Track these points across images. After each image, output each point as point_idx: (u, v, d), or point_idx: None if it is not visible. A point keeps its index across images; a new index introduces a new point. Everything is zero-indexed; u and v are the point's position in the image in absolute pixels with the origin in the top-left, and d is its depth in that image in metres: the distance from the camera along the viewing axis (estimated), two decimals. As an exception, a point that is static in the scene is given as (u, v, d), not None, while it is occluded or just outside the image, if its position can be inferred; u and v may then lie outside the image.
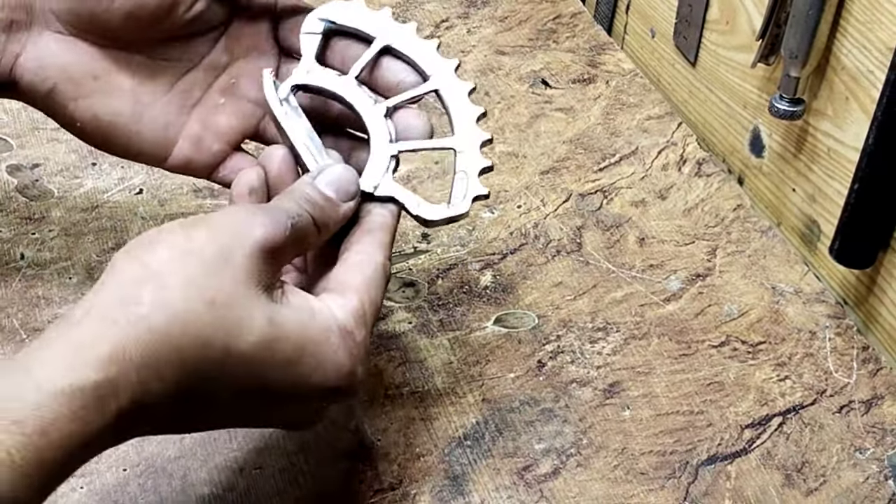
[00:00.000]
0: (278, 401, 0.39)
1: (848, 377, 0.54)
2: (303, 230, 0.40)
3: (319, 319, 0.39)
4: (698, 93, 0.72)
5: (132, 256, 0.36)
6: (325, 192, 0.42)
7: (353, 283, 0.41)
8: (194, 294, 0.35)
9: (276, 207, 0.40)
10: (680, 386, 0.53)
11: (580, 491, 0.48)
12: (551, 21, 0.79)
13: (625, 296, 0.58)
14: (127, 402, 0.34)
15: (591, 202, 0.64)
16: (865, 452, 0.51)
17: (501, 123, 0.69)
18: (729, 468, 0.50)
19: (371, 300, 0.41)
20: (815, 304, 0.58)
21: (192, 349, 0.35)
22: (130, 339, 0.34)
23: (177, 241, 0.37)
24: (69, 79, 0.45)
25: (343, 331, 0.39)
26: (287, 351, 0.37)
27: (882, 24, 0.53)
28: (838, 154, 0.58)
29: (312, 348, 0.38)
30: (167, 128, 0.47)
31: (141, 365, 0.34)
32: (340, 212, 0.43)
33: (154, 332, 0.34)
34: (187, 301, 0.35)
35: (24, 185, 0.61)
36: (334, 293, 0.40)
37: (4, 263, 0.56)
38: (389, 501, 0.47)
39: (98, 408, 0.33)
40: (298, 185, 0.42)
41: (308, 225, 0.41)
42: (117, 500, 0.46)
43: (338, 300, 0.40)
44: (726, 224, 0.63)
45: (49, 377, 0.33)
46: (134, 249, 0.37)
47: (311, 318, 0.39)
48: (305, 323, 0.38)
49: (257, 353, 0.37)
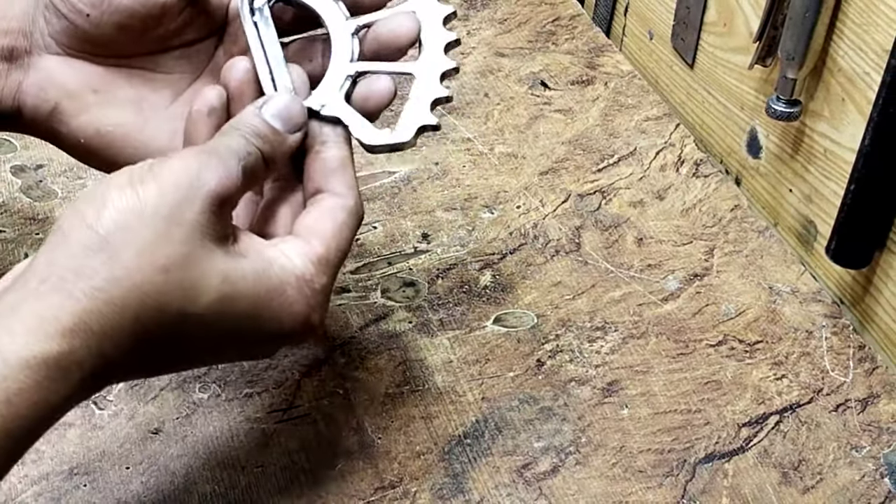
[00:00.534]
0: (234, 346, 0.40)
1: (844, 376, 0.55)
2: (252, 169, 0.40)
3: (275, 270, 0.39)
4: (696, 94, 0.72)
5: (81, 220, 0.36)
6: (272, 123, 0.41)
7: (321, 229, 0.41)
8: (147, 262, 0.36)
9: (227, 150, 0.39)
10: (678, 385, 0.53)
11: (579, 489, 0.48)
12: (550, 23, 0.79)
13: (623, 295, 0.58)
14: (89, 370, 0.35)
15: (590, 202, 0.64)
16: (861, 451, 0.51)
17: (501, 124, 0.69)
18: (726, 466, 0.50)
19: (338, 246, 0.41)
20: (812, 304, 0.58)
21: (150, 316, 0.36)
22: (89, 311, 0.35)
23: (126, 202, 0.36)
24: (70, 96, 0.45)
25: (301, 279, 0.39)
26: (242, 306, 0.38)
27: (878, 26, 0.53)
28: (834, 155, 0.59)
29: (267, 302, 0.38)
30: (173, 136, 0.46)
31: (101, 335, 0.35)
32: (287, 143, 0.42)
33: (111, 303, 0.35)
34: (141, 270, 0.36)
35: (28, 186, 0.61)
36: (299, 240, 0.40)
37: (8, 263, 0.56)
38: (390, 499, 0.47)
39: (62, 377, 0.34)
40: (245, 115, 0.41)
41: (258, 162, 0.40)
42: (120, 498, 0.46)
43: (301, 247, 0.40)
44: (724, 224, 0.63)
45: (14, 349, 0.34)
46: (82, 211, 0.36)
47: (266, 271, 0.39)
48: (260, 276, 0.38)
49: (213, 311, 0.37)
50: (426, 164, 0.65)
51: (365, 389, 0.52)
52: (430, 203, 0.63)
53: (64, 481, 0.46)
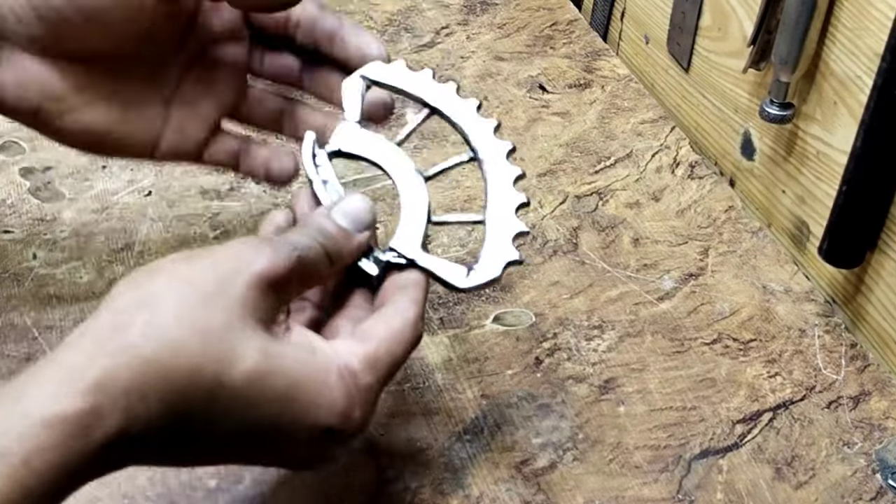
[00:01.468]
0: (271, 437, 0.38)
1: (836, 374, 0.55)
2: (312, 262, 0.39)
3: (319, 358, 0.38)
4: (691, 97, 0.73)
5: (132, 283, 0.36)
6: (339, 222, 0.41)
7: (376, 332, 0.40)
8: (187, 322, 0.35)
9: (282, 239, 0.39)
10: (673, 382, 0.54)
11: (576, 484, 0.48)
12: (548, 28, 0.79)
13: (620, 295, 0.59)
14: (113, 430, 0.33)
15: (587, 204, 0.65)
16: (853, 447, 0.51)
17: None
18: (721, 462, 0.50)
19: (390, 351, 0.39)
20: (805, 303, 0.59)
21: (182, 377, 0.34)
22: (119, 364, 0.34)
23: (178, 270, 0.36)
24: (52, 98, 0.44)
25: (345, 370, 0.38)
26: (279, 386, 0.36)
27: (869, 30, 0.53)
28: (827, 157, 0.59)
29: (306, 386, 0.37)
30: (152, 123, 0.47)
31: (128, 391, 0.33)
32: (354, 242, 0.41)
33: (143, 358, 0.34)
34: (180, 329, 0.35)
35: (37, 188, 0.61)
36: (352, 339, 0.40)
37: (17, 263, 0.56)
38: (391, 494, 0.47)
39: (82, 436, 0.33)
40: (313, 216, 0.42)
41: (318, 256, 0.40)
42: (126, 493, 0.46)
43: (350, 345, 0.39)
44: (718, 225, 0.64)
45: (36, 405, 0.32)
46: (136, 276, 0.36)
47: (310, 356, 0.38)
48: (302, 359, 0.37)
49: (249, 385, 0.36)
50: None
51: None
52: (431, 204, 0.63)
53: (72, 476, 0.47)
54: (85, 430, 0.33)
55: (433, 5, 0.80)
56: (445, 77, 0.47)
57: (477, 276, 0.44)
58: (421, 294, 0.42)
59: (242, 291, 0.36)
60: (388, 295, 0.42)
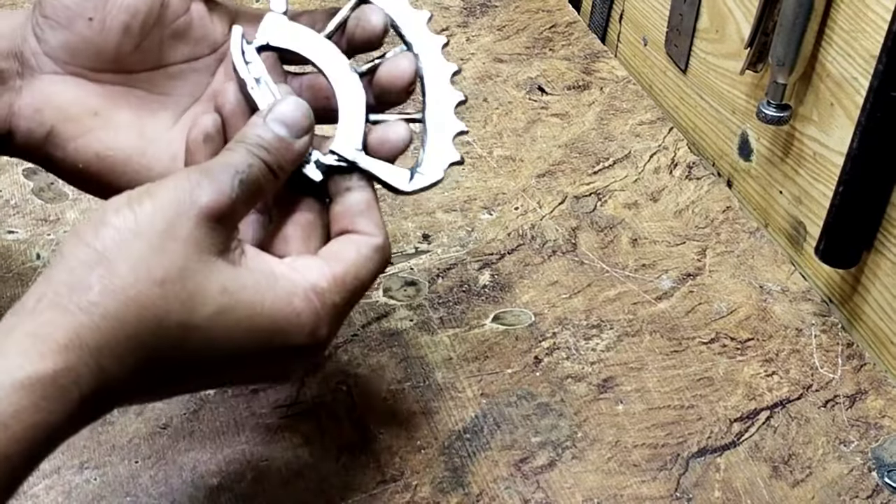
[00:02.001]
0: (242, 363, 0.38)
1: (833, 373, 0.55)
2: (255, 181, 0.38)
3: (281, 283, 0.38)
4: (689, 99, 0.73)
5: (80, 239, 0.35)
6: (277, 131, 0.40)
7: (343, 255, 0.40)
8: (143, 275, 0.35)
9: (222, 166, 0.38)
10: (671, 381, 0.54)
11: (575, 482, 0.49)
12: (547, 30, 0.80)
13: (618, 294, 0.59)
14: (89, 388, 0.34)
15: (586, 204, 0.65)
16: (850, 445, 0.52)
17: (499, 128, 0.70)
18: (718, 460, 0.50)
19: (357, 274, 0.40)
20: (802, 303, 0.59)
21: (148, 330, 0.35)
22: (84, 326, 0.34)
23: (123, 220, 0.36)
24: (68, 118, 0.43)
25: (310, 290, 0.38)
26: (244, 318, 0.37)
27: (866, 32, 0.54)
28: (823, 158, 0.59)
29: (271, 313, 0.37)
30: (175, 160, 0.44)
31: (98, 350, 0.34)
32: (295, 150, 0.40)
33: (108, 317, 0.34)
34: (137, 283, 0.35)
35: (40, 188, 0.61)
36: (318, 259, 0.40)
37: (21, 263, 0.57)
38: (391, 492, 0.47)
39: (60, 396, 0.33)
40: (249, 127, 0.40)
41: (261, 172, 0.39)
42: (129, 492, 0.46)
43: (318, 265, 0.39)
44: (716, 225, 0.64)
45: (7, 371, 0.32)
46: (81, 232, 0.36)
47: (272, 282, 0.38)
48: (263, 288, 0.37)
49: (214, 324, 0.36)
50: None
51: (367, 386, 0.52)
52: (431, 205, 0.64)
53: (74, 475, 0.47)
54: (62, 390, 0.33)
55: (433, 7, 0.81)
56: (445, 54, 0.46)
57: (421, 179, 0.43)
58: (379, 214, 0.42)
59: (191, 231, 0.36)
60: (346, 220, 0.41)
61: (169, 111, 0.45)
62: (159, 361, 0.36)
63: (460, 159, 0.44)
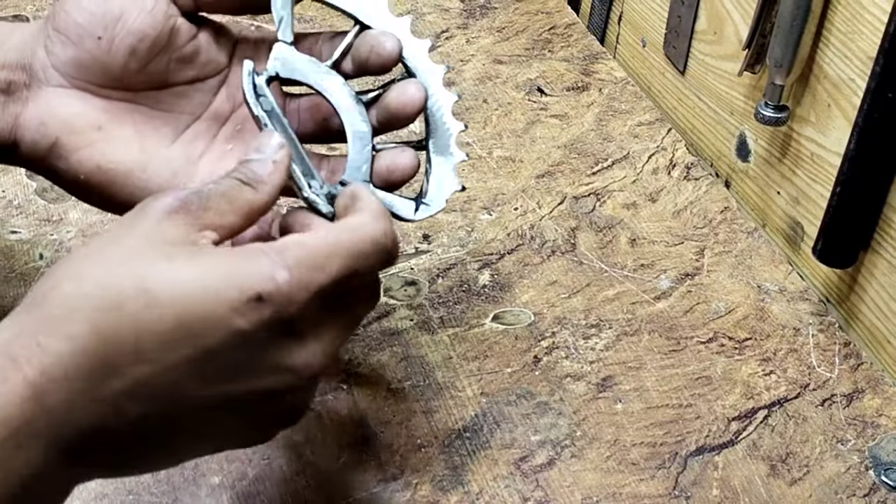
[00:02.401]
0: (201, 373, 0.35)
1: (830, 372, 0.56)
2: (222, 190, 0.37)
3: (236, 249, 0.36)
4: (687, 100, 0.73)
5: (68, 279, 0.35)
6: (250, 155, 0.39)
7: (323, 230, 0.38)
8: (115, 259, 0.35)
9: None
10: (670, 380, 0.54)
11: (574, 481, 0.49)
12: (547, 31, 0.80)
13: (617, 294, 0.59)
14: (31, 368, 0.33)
15: (585, 204, 0.65)
16: (847, 444, 0.52)
17: (499, 129, 0.70)
18: (716, 459, 0.50)
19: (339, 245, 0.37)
20: (799, 302, 0.59)
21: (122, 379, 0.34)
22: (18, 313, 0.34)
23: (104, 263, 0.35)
24: (72, 131, 0.43)
25: (267, 246, 0.36)
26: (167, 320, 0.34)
27: (862, 34, 0.54)
28: (821, 158, 0.59)
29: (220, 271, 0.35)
30: (175, 176, 0.45)
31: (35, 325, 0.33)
32: (270, 162, 0.39)
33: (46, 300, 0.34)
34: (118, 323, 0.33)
35: (43, 189, 0.62)
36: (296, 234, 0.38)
37: (24, 263, 0.57)
38: (392, 491, 0.48)
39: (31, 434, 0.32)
40: None
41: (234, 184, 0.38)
42: (131, 490, 0.47)
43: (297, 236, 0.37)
44: (714, 225, 0.64)
45: None
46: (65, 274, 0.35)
47: (226, 248, 0.36)
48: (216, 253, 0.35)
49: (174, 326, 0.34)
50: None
51: (368, 385, 0.52)
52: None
53: (77, 473, 0.48)
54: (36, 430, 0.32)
55: (433, 9, 0.81)
56: (446, 81, 0.47)
57: (426, 209, 0.46)
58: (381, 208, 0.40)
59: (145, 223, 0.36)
60: None
61: (170, 128, 0.46)
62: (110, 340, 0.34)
63: (462, 188, 0.46)
